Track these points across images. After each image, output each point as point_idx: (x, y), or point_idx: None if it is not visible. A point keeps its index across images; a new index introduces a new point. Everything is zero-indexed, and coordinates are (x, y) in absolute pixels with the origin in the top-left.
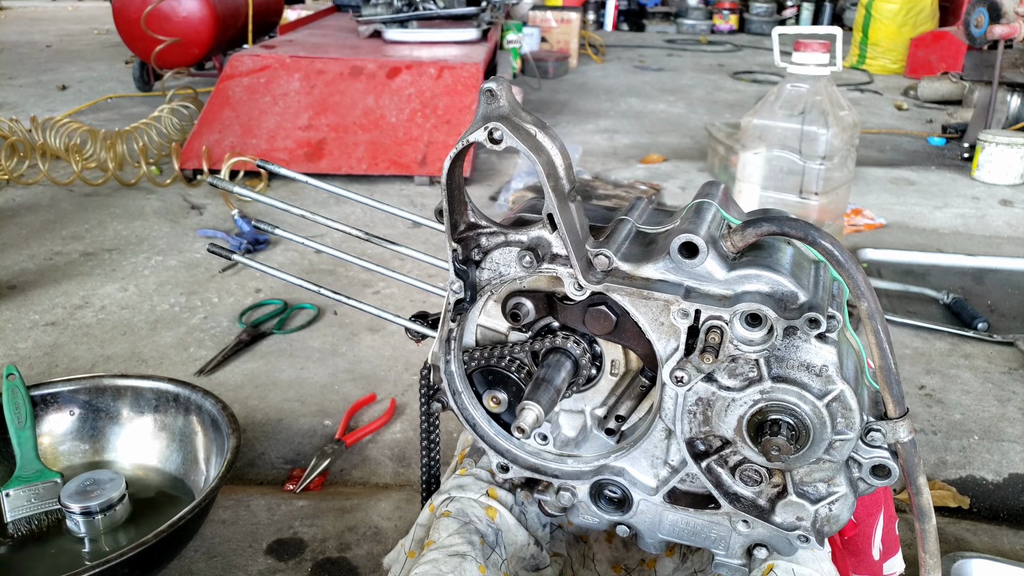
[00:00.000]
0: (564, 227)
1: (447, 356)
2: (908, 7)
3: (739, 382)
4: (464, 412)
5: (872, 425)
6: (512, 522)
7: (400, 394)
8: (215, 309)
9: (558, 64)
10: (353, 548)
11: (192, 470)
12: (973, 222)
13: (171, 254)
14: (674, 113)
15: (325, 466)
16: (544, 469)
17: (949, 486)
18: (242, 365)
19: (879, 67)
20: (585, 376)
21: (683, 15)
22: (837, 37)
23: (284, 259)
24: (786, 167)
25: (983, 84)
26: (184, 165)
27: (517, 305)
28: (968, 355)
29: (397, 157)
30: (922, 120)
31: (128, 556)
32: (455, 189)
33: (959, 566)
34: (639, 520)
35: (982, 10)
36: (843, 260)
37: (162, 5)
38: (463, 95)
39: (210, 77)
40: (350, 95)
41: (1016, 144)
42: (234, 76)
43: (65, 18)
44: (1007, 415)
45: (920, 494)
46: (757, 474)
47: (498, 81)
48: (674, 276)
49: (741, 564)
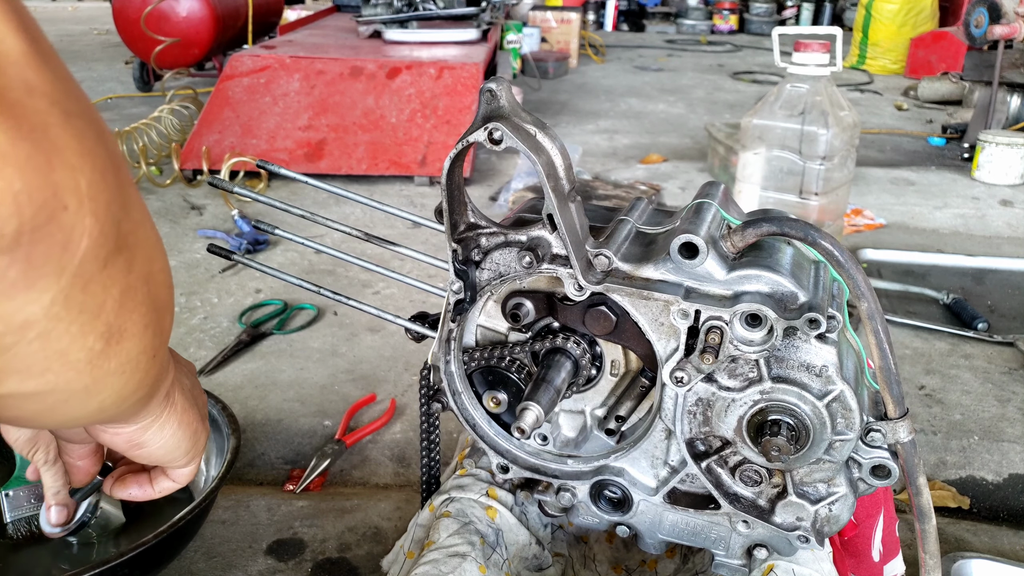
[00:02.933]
0: (564, 227)
1: (447, 356)
2: (908, 7)
3: (739, 382)
4: (464, 412)
5: (872, 425)
6: (513, 522)
7: (400, 394)
8: (215, 309)
9: (558, 64)
10: (353, 548)
11: None
12: (973, 222)
13: (171, 254)
14: (674, 113)
15: (325, 466)
16: (544, 469)
17: (949, 486)
18: (242, 365)
19: (879, 67)
20: (585, 376)
21: (683, 15)
22: (837, 37)
23: (284, 259)
24: (786, 167)
25: (983, 84)
26: (184, 165)
27: (517, 305)
28: (968, 355)
29: (397, 157)
30: (922, 120)
31: (128, 556)
32: (455, 189)
33: (959, 566)
34: (639, 520)
35: (982, 10)
36: (843, 260)
37: (162, 5)
38: (463, 95)
39: (210, 77)
40: (350, 95)
41: (1016, 144)
42: (234, 76)
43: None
44: (1007, 415)
45: (920, 494)
46: (757, 474)
47: (498, 81)
48: (674, 276)
49: (741, 564)
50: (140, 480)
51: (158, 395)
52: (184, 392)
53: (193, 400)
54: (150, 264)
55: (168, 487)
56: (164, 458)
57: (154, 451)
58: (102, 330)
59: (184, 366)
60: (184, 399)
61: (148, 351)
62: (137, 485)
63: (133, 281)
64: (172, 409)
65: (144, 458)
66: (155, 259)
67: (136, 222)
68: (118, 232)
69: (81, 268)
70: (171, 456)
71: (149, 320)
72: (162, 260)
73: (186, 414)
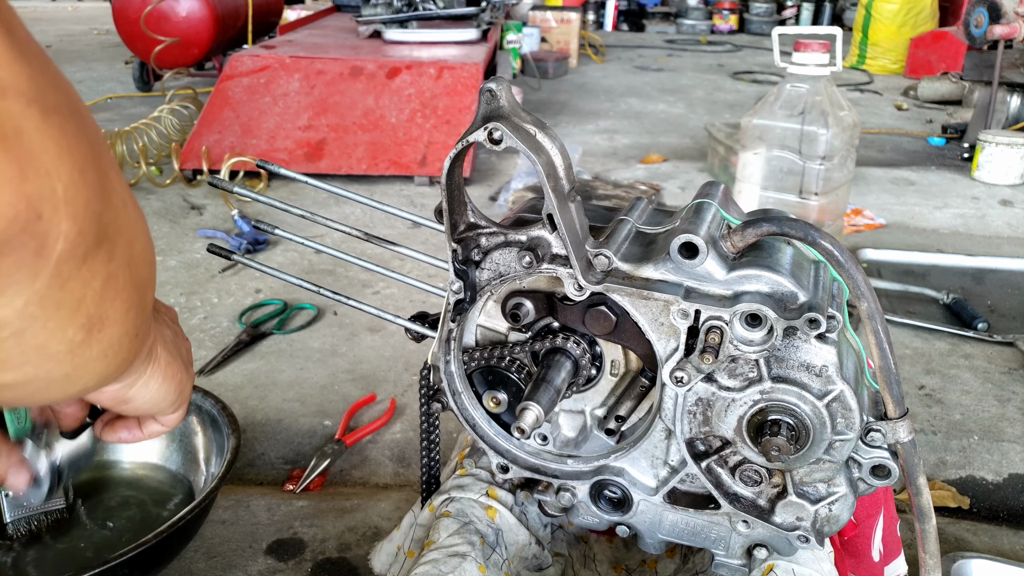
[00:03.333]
0: (564, 227)
1: (447, 356)
2: (908, 7)
3: (739, 382)
4: (464, 412)
5: (872, 425)
6: (513, 522)
7: (400, 394)
8: (215, 309)
9: (558, 64)
10: (353, 548)
11: (192, 470)
12: (973, 222)
13: (171, 254)
14: (674, 113)
15: (325, 466)
16: (544, 469)
17: (949, 486)
18: (242, 365)
19: (879, 67)
20: (585, 376)
21: (683, 15)
22: (837, 37)
23: (284, 259)
24: (786, 167)
25: (983, 84)
26: (184, 165)
27: (517, 305)
28: (968, 355)
29: (397, 157)
30: (922, 120)
31: (128, 556)
32: (455, 189)
33: (959, 566)
34: (639, 520)
35: (982, 10)
36: (843, 260)
37: (162, 5)
38: (463, 95)
39: (210, 77)
40: (350, 95)
41: (1016, 144)
42: (234, 76)
43: (65, 18)
44: (1007, 415)
45: (920, 494)
46: (757, 474)
47: (498, 81)
48: (674, 276)
49: (741, 564)
50: (129, 424)
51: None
52: (167, 345)
53: (176, 350)
54: (131, 247)
55: (157, 430)
56: (151, 410)
57: (140, 405)
58: (82, 322)
59: (165, 314)
60: (167, 352)
61: (131, 332)
62: (126, 429)
63: (115, 269)
64: (156, 364)
65: (131, 412)
66: (136, 239)
67: (117, 208)
68: (98, 225)
69: (58, 269)
70: (158, 408)
71: (131, 303)
72: (143, 238)
73: (170, 367)
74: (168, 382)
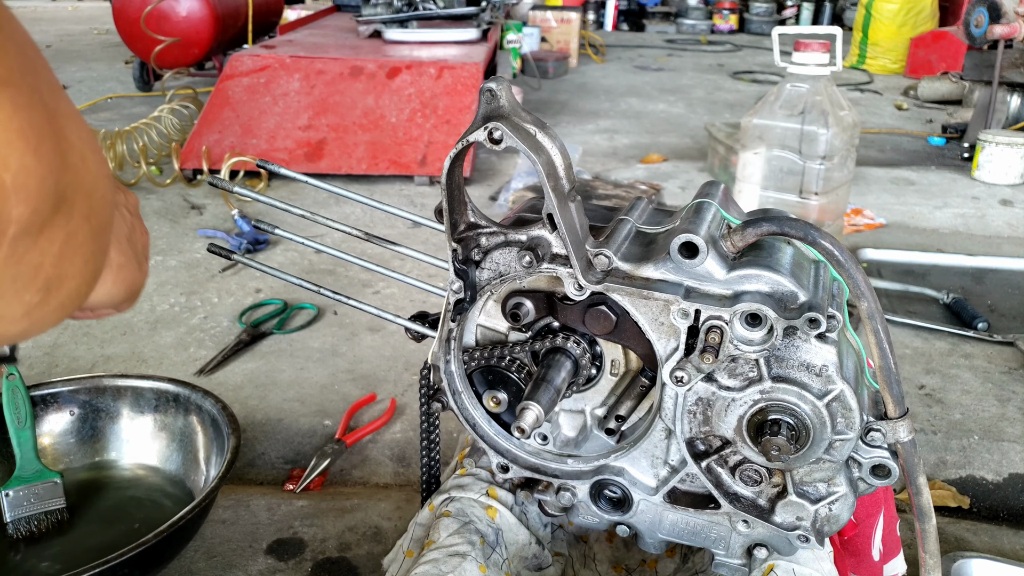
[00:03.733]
0: (564, 227)
1: (447, 356)
2: (908, 7)
3: (739, 382)
4: (464, 412)
5: (872, 425)
6: (513, 522)
7: (400, 394)
8: (215, 309)
9: (558, 64)
10: (353, 548)
11: (192, 470)
12: (973, 222)
13: (171, 254)
14: (674, 113)
15: (325, 466)
16: (544, 469)
17: (949, 486)
18: (242, 365)
19: (879, 67)
20: (585, 376)
21: (683, 15)
22: (837, 37)
23: (284, 259)
24: (786, 167)
25: (983, 84)
26: (184, 165)
27: (517, 305)
28: (968, 355)
29: (397, 157)
30: (922, 120)
31: (128, 556)
32: (455, 189)
33: (959, 566)
34: (639, 520)
35: (982, 10)
36: (843, 260)
37: (162, 5)
38: (463, 95)
39: (210, 77)
40: (350, 95)
41: (1016, 144)
42: (234, 76)
43: (65, 18)
44: (1007, 415)
45: (920, 494)
46: (757, 474)
47: (498, 81)
48: (674, 276)
49: (741, 564)
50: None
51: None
52: (120, 248)
53: (131, 249)
54: (90, 198)
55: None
56: (101, 307)
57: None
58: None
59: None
60: (120, 255)
61: (90, 280)
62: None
63: (74, 227)
64: (107, 270)
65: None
66: (96, 188)
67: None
68: (55, 193)
69: (12, 250)
70: (107, 306)
71: (91, 252)
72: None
73: (122, 270)
74: (118, 284)
